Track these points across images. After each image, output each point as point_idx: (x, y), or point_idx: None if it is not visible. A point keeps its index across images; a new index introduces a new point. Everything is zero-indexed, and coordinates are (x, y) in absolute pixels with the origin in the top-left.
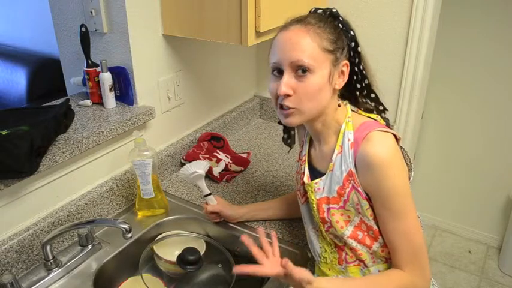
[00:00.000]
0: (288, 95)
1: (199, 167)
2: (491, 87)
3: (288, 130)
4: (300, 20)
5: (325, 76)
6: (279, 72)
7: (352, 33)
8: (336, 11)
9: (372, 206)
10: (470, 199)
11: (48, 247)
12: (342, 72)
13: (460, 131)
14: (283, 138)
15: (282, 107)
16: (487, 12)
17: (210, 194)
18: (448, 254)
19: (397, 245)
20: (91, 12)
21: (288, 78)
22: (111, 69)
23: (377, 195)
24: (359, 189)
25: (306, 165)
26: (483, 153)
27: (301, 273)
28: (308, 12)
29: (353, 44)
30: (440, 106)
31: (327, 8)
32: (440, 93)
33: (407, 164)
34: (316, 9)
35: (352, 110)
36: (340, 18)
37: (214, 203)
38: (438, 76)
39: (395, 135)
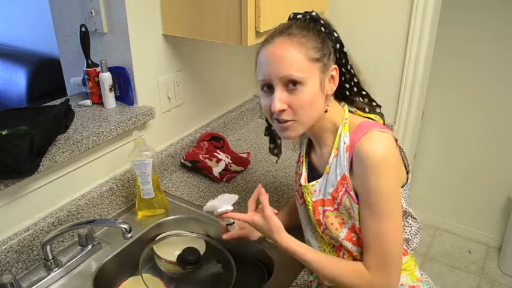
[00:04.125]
0: (283, 110)
1: (228, 202)
2: (491, 87)
3: (274, 140)
4: (282, 31)
5: (317, 85)
6: (269, 87)
7: (335, 34)
8: (316, 14)
9: None
10: (470, 199)
11: (48, 247)
12: (332, 77)
13: (460, 131)
14: (269, 148)
15: (279, 121)
16: (487, 13)
17: (233, 223)
18: (448, 254)
19: (369, 245)
20: (91, 12)
21: (280, 93)
22: (111, 69)
23: (363, 192)
24: (351, 193)
25: (304, 166)
26: (483, 153)
27: (274, 220)
28: (287, 18)
29: (338, 45)
30: (440, 106)
31: (306, 12)
32: (440, 93)
33: (405, 165)
34: (295, 14)
35: (350, 111)
36: (322, 21)
37: (237, 229)
38: (438, 76)
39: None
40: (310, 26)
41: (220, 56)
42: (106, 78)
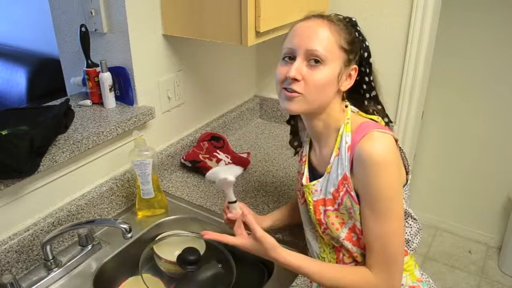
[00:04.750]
0: (296, 80)
1: (230, 172)
2: (491, 87)
3: (295, 131)
4: (322, 16)
5: (335, 72)
6: (290, 58)
7: (367, 43)
8: (355, 20)
9: None
10: (470, 199)
11: (48, 247)
12: (350, 75)
13: (460, 131)
14: (290, 141)
15: (286, 90)
16: (487, 13)
17: (235, 202)
18: (448, 254)
19: (372, 246)
20: (91, 12)
21: (299, 64)
22: (111, 69)
23: (364, 193)
24: (352, 193)
25: (306, 166)
26: (483, 153)
27: (268, 238)
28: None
29: (366, 54)
30: (440, 106)
31: (347, 16)
32: (440, 93)
33: (405, 166)
34: (336, 15)
35: (352, 111)
36: (358, 28)
37: (238, 211)
38: (438, 76)
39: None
40: (348, 25)
41: (220, 56)
42: (106, 78)
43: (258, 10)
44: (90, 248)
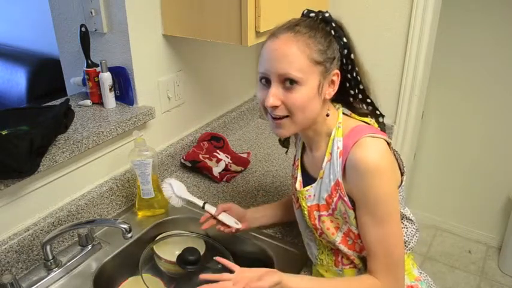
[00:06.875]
0: (276, 107)
1: (181, 189)
2: (491, 87)
3: None
4: (289, 28)
5: (314, 87)
6: (266, 81)
7: (345, 40)
8: (329, 15)
9: None
10: (470, 199)
11: (48, 247)
12: (333, 81)
13: (460, 131)
14: (279, 140)
15: (272, 117)
16: (487, 13)
17: (205, 203)
18: (448, 254)
19: (374, 252)
20: (91, 12)
21: (275, 89)
22: (111, 69)
23: (362, 200)
24: (345, 199)
25: (299, 170)
26: (483, 153)
27: (271, 275)
28: (301, 14)
29: (346, 51)
30: (440, 106)
31: (319, 12)
32: (440, 93)
33: (399, 168)
34: (309, 11)
35: (344, 114)
36: (333, 24)
37: (214, 209)
38: (438, 76)
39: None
40: (320, 26)
41: (220, 56)
42: (106, 78)
43: (258, 10)
44: (90, 248)
